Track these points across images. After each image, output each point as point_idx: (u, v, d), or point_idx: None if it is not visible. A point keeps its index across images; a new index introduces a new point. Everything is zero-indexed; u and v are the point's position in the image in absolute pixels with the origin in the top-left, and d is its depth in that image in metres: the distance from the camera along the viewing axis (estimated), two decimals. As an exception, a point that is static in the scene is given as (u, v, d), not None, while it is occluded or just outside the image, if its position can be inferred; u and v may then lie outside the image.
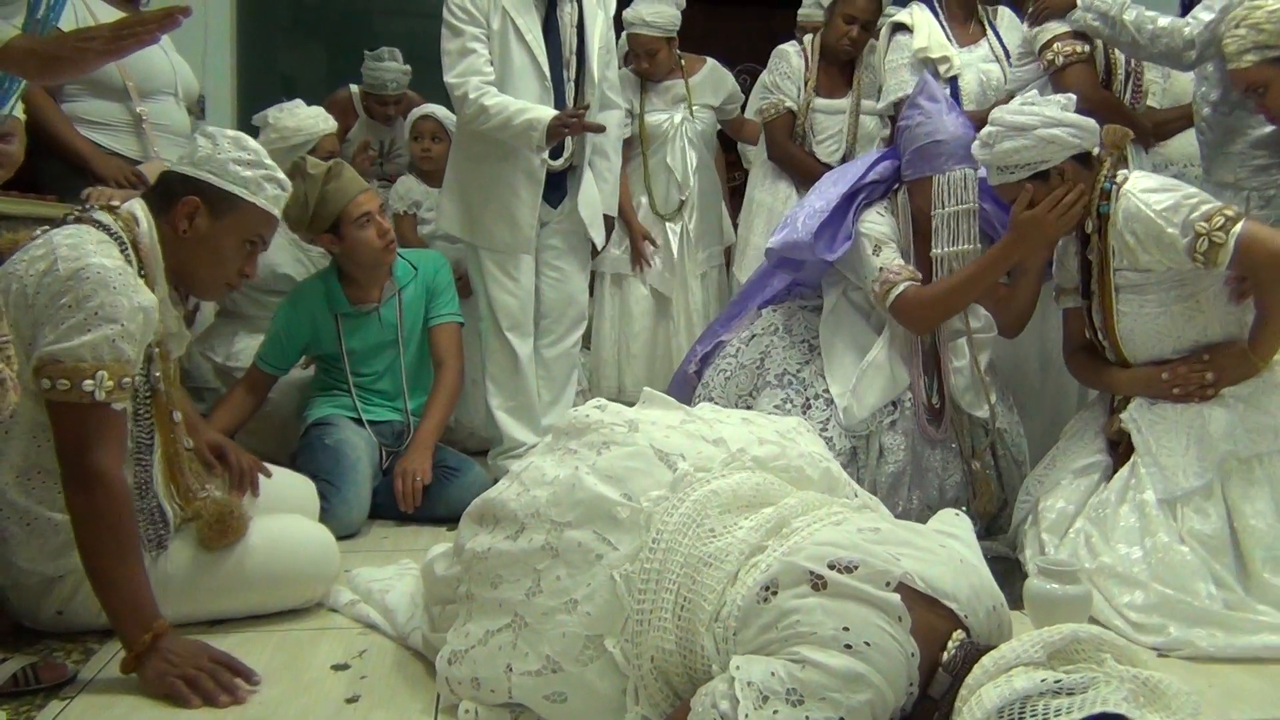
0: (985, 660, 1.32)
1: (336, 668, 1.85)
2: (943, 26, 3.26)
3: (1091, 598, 1.97)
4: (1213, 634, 1.94)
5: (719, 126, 4.02)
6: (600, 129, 2.99)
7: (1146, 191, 2.20)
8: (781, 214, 3.39)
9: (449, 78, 2.95)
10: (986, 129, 2.33)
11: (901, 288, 2.51)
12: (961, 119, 2.55)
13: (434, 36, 3.73)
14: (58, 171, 2.97)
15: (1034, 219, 2.31)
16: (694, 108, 3.85)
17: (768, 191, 3.64)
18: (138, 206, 1.95)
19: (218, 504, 1.99)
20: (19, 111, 2.44)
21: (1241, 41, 2.37)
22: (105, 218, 1.88)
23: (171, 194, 1.96)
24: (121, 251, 1.85)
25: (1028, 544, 2.33)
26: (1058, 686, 1.24)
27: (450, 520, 2.70)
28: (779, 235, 2.65)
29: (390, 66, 4.12)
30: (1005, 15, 3.39)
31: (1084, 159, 2.30)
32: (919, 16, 3.27)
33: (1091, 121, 2.29)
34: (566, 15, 3.05)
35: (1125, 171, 2.29)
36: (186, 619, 1.98)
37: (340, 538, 2.58)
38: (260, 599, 2.05)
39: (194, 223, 1.95)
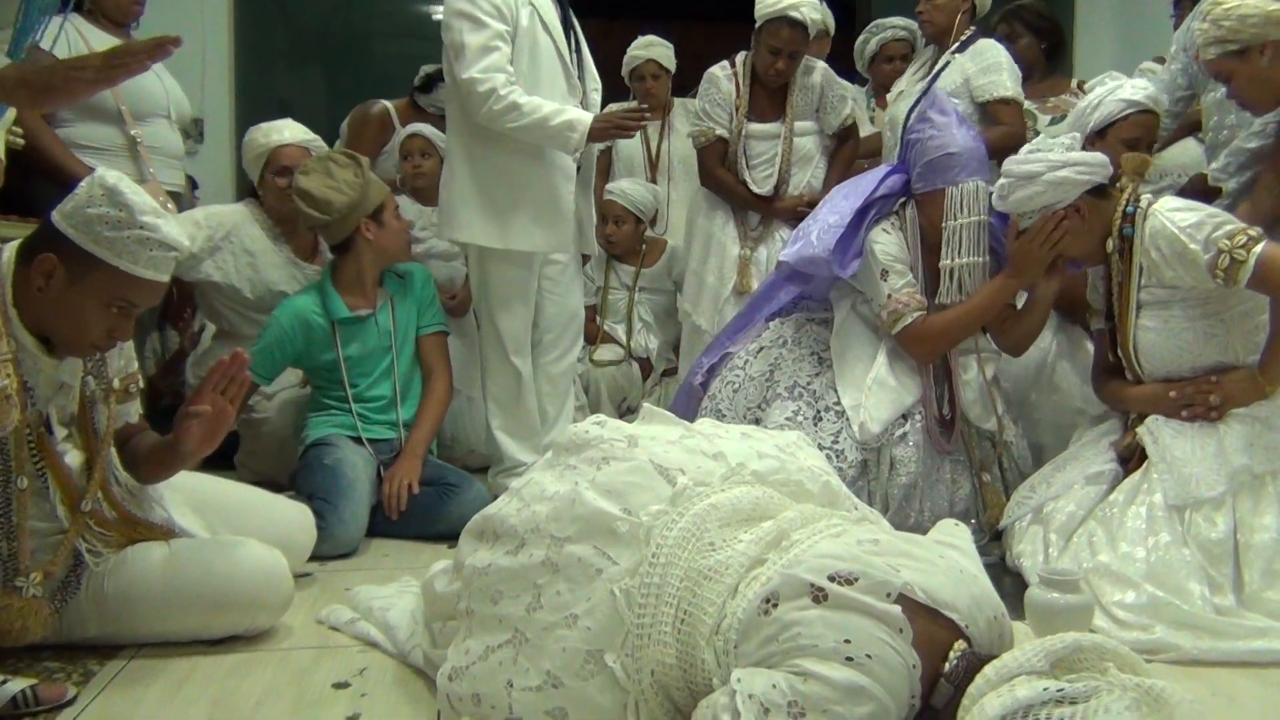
0: (987, 670, 1.32)
1: (337, 686, 1.84)
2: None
3: (1093, 607, 1.97)
4: (1199, 638, 1.96)
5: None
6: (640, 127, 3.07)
7: (1173, 210, 2.27)
8: (720, 240, 3.50)
9: (471, 72, 2.82)
10: (1000, 181, 2.41)
11: (909, 319, 2.55)
12: (972, 132, 2.59)
13: (431, 59, 3.80)
14: (53, 195, 2.98)
15: (1022, 249, 2.41)
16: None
17: (706, 218, 3.57)
18: (8, 249, 1.83)
19: (6, 605, 1.80)
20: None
21: (1205, 35, 2.46)
22: None
23: (35, 246, 1.81)
24: None
25: (1027, 542, 2.35)
26: (1060, 695, 1.24)
27: (450, 538, 2.69)
28: (793, 249, 2.66)
29: None
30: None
31: (1099, 190, 2.35)
32: None
33: (1099, 156, 2.36)
34: (570, 18, 3.08)
35: (1149, 196, 2.35)
36: (124, 640, 1.97)
37: (338, 556, 2.60)
38: (197, 624, 1.98)
39: (50, 282, 1.79)
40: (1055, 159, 2.32)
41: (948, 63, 3.35)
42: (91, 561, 1.94)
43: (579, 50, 3.09)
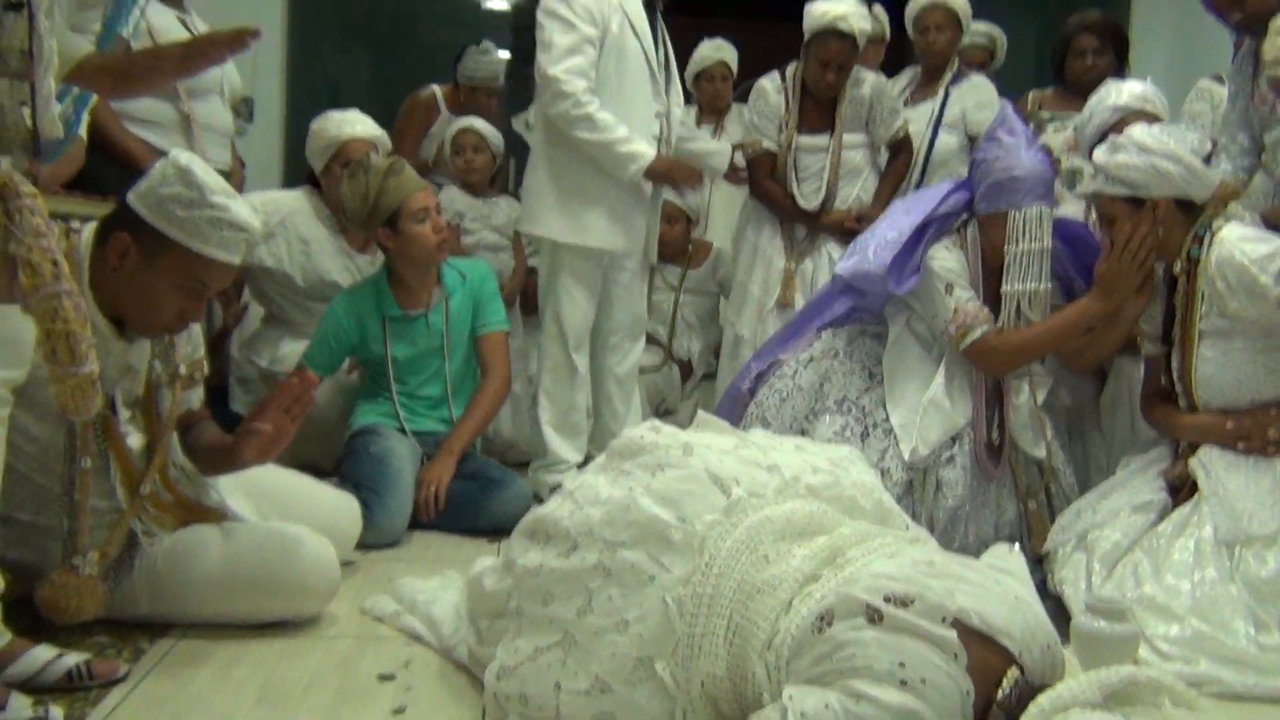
0: (1041, 699, 1.31)
1: (383, 678, 1.86)
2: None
3: (1140, 638, 1.95)
4: (1244, 672, 1.93)
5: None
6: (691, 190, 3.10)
7: (1243, 240, 2.21)
8: (768, 254, 3.51)
9: (555, 70, 2.88)
10: (1113, 137, 2.38)
11: (979, 332, 2.50)
12: (1041, 154, 2.54)
13: (476, 44, 3.83)
14: (111, 174, 3.01)
15: (1114, 271, 2.36)
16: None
17: (754, 229, 3.59)
18: (87, 230, 1.86)
19: (64, 584, 1.82)
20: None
21: (1279, 51, 2.39)
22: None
23: (110, 226, 1.85)
24: None
25: (1070, 569, 2.32)
26: (1115, 729, 1.24)
27: (492, 532, 2.73)
28: (848, 262, 2.64)
29: (498, 59, 4.15)
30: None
31: (1186, 205, 2.31)
32: None
33: (1211, 175, 2.31)
34: (659, 29, 3.12)
35: (1220, 221, 2.29)
36: (174, 619, 2.00)
37: (382, 546, 2.63)
38: (247, 607, 2.01)
39: (124, 261, 1.83)
40: (1175, 151, 2.27)
41: (948, 93, 3.65)
42: (146, 542, 1.97)
43: (667, 63, 3.13)
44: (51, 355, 1.40)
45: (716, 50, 4.39)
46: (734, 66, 4.39)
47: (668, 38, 3.16)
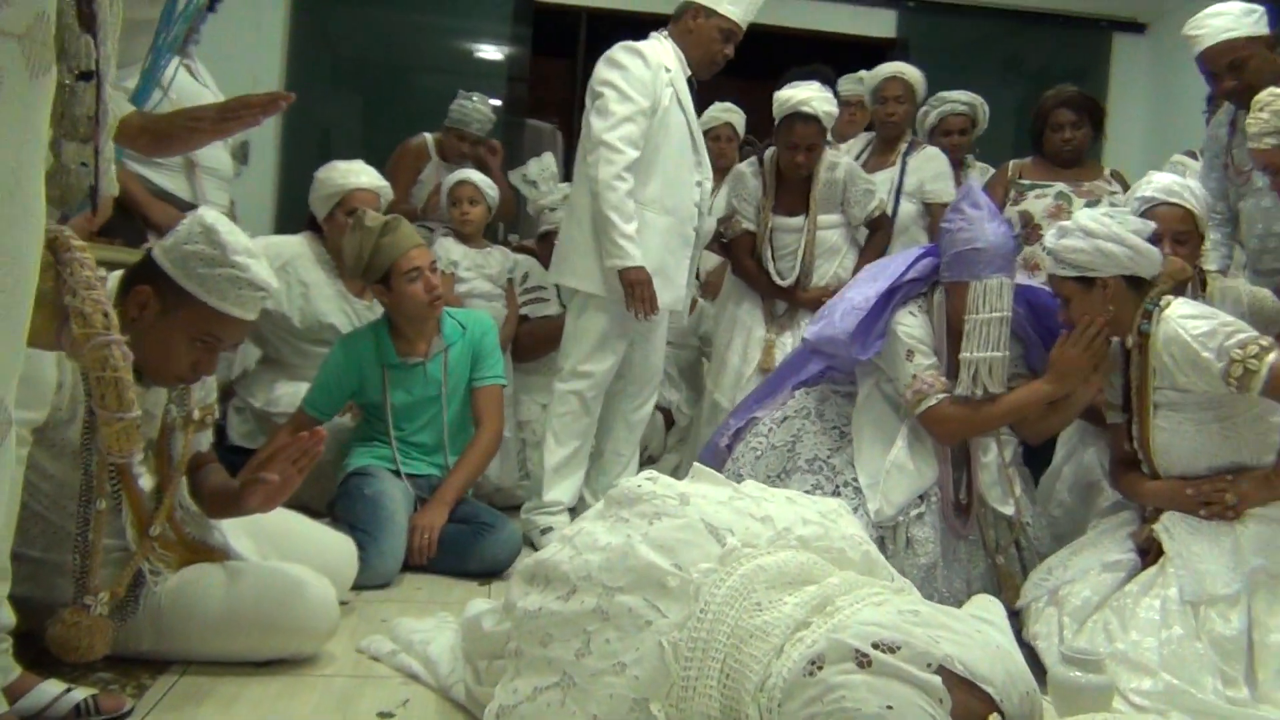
0: (1021, 745, 1.38)
1: (382, 716, 1.91)
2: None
3: (1114, 688, 2.02)
4: None
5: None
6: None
7: (1185, 317, 2.32)
8: (746, 324, 3.63)
9: (609, 136, 3.00)
10: (1062, 222, 2.49)
11: (934, 401, 2.58)
12: (1003, 227, 2.62)
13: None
14: (120, 220, 3.06)
15: (1067, 358, 2.46)
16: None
17: (735, 303, 3.71)
18: (112, 278, 1.91)
19: (76, 623, 1.82)
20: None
21: (1264, 125, 2.53)
22: None
23: (133, 277, 1.92)
24: None
25: (1042, 624, 2.39)
26: (1091, 774, 1.30)
27: (482, 575, 2.79)
28: (815, 328, 2.73)
29: (479, 108, 4.29)
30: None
31: (1135, 282, 2.41)
32: None
33: (1155, 252, 2.40)
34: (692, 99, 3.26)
35: (1170, 298, 2.40)
36: (176, 656, 2.04)
37: (374, 587, 2.67)
38: (248, 646, 2.05)
39: (144, 312, 1.89)
40: (1117, 232, 2.36)
41: (905, 163, 3.96)
42: (152, 581, 2.02)
43: (696, 141, 3.26)
44: (100, 401, 1.46)
45: (724, 112, 4.59)
46: (740, 129, 4.59)
47: (694, 111, 3.29)
